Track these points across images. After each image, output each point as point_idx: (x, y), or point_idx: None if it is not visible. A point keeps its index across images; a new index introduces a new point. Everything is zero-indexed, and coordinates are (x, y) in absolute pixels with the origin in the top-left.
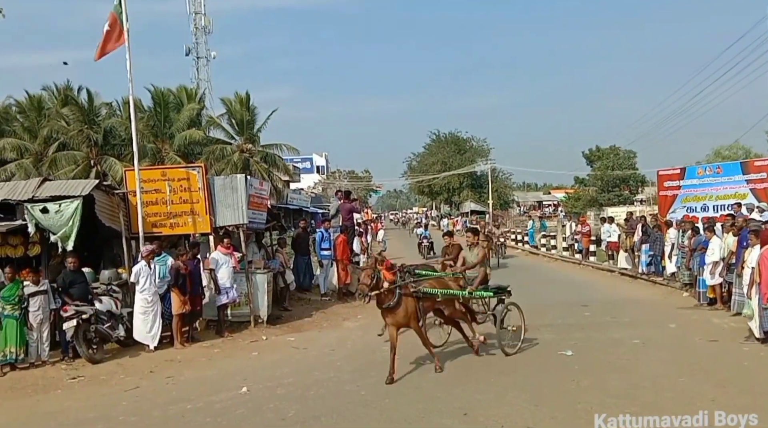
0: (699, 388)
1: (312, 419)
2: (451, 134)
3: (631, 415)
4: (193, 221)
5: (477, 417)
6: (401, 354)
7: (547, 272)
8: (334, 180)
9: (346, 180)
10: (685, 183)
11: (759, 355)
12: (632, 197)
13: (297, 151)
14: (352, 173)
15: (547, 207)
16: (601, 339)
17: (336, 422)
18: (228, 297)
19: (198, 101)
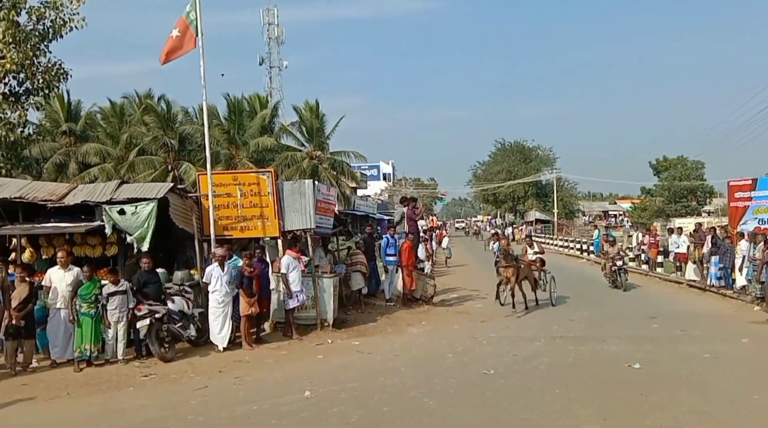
0: None
1: (375, 425)
2: (516, 142)
3: None
4: (263, 224)
5: None
6: (463, 362)
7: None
8: (400, 187)
9: (411, 187)
10: (756, 194)
11: None
12: (700, 207)
13: (364, 158)
14: (418, 180)
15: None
16: (671, 353)
17: None
18: (298, 301)
19: (270, 109)
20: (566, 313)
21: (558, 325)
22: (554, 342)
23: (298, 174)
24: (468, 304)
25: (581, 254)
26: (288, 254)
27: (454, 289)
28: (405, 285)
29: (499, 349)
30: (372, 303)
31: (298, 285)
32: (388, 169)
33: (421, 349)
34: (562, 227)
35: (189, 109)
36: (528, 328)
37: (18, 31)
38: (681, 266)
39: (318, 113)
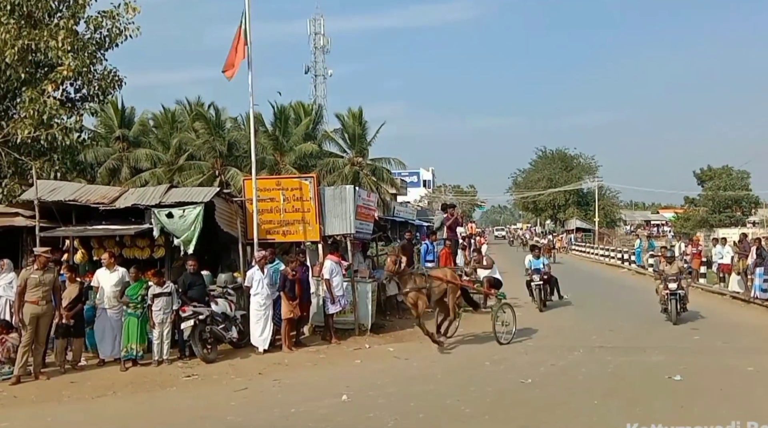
0: None
1: None
2: (558, 150)
3: None
4: (304, 229)
5: None
6: (500, 370)
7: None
8: (439, 194)
9: (451, 195)
10: None
11: None
12: (745, 218)
13: (404, 165)
14: (457, 187)
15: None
16: (713, 365)
17: None
18: (340, 305)
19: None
20: (606, 323)
21: (597, 335)
22: (593, 353)
23: (339, 180)
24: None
25: (622, 263)
26: (330, 258)
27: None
28: None
29: (536, 358)
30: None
31: (340, 290)
32: (428, 176)
33: (459, 356)
34: (603, 236)
35: (237, 116)
36: (567, 338)
37: (76, 39)
38: (724, 277)
39: (361, 119)
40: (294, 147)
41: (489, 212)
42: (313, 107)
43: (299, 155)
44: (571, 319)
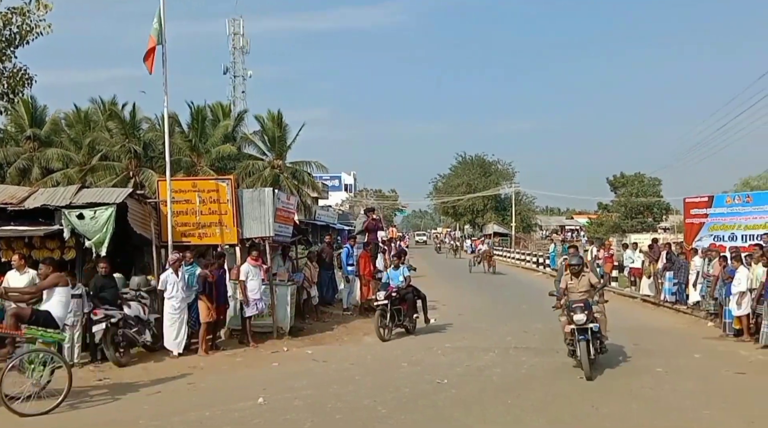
0: (725, 422)
1: None
2: (477, 156)
3: None
4: (221, 231)
5: None
6: (417, 371)
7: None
8: (361, 198)
9: (372, 199)
10: (712, 211)
11: None
12: (656, 224)
13: (326, 169)
14: (379, 192)
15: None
16: (623, 366)
17: None
18: (257, 308)
19: (233, 118)
20: (521, 325)
21: (512, 336)
22: (508, 353)
23: (259, 183)
24: None
25: (537, 267)
26: (248, 261)
27: None
28: (362, 295)
29: (453, 359)
30: (329, 312)
31: (257, 293)
32: (349, 180)
33: (377, 358)
34: (519, 241)
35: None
36: (483, 339)
37: None
38: (636, 281)
39: (280, 122)
40: (212, 149)
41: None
42: (231, 107)
43: (217, 157)
44: (488, 321)
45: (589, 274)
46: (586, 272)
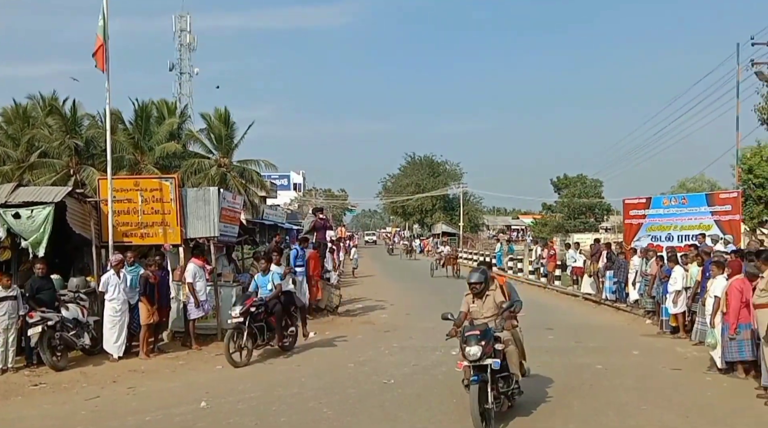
0: (662, 417)
1: None
2: (426, 157)
3: None
4: (164, 231)
5: None
6: (364, 372)
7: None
8: (310, 198)
9: (322, 198)
10: (650, 212)
11: (721, 386)
12: (597, 224)
13: (275, 167)
14: (329, 191)
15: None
16: (565, 363)
17: None
18: (203, 310)
19: (179, 115)
20: None
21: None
22: (454, 352)
23: (205, 181)
24: (373, 314)
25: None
26: (194, 262)
27: (360, 299)
28: (311, 295)
29: (400, 359)
30: None
31: (203, 294)
32: (298, 179)
33: (323, 359)
34: (467, 240)
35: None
36: (431, 338)
37: None
38: (578, 280)
39: (227, 120)
40: (156, 146)
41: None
42: (177, 105)
43: (161, 155)
44: (435, 320)
45: (495, 293)
46: (491, 291)
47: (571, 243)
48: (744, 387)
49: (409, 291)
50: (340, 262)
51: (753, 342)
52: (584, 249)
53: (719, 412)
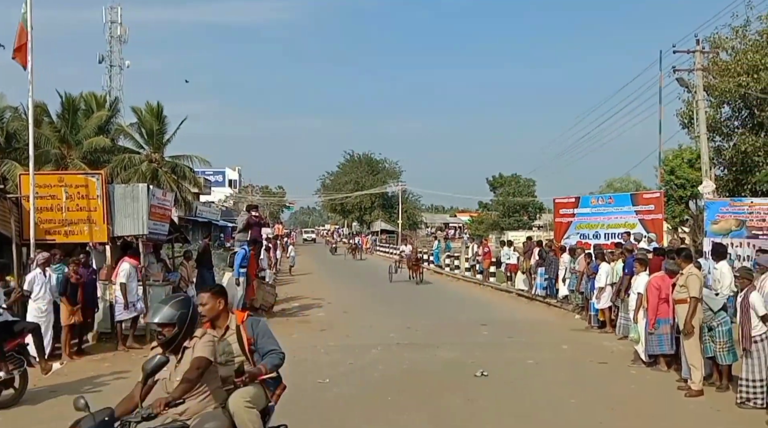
0: (589, 410)
1: None
2: (365, 154)
3: None
4: (90, 229)
5: None
6: (299, 371)
7: (450, 291)
8: (246, 195)
9: (258, 195)
10: (579, 211)
11: (645, 378)
12: (531, 222)
13: (208, 163)
14: (266, 188)
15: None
16: (498, 359)
17: None
18: (136, 310)
19: (108, 109)
20: (405, 321)
21: (396, 333)
22: (391, 350)
23: (136, 177)
24: (309, 312)
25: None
26: (128, 261)
27: (296, 298)
28: (246, 295)
29: (336, 358)
30: None
31: (135, 295)
32: (234, 175)
33: None
34: (405, 238)
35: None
36: (367, 336)
37: None
38: (511, 276)
39: (160, 115)
40: (84, 141)
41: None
42: (106, 98)
43: (90, 150)
44: (373, 318)
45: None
46: (190, 345)
47: (505, 241)
48: (666, 379)
49: (347, 289)
50: (277, 260)
51: (672, 336)
52: (518, 247)
53: (642, 404)
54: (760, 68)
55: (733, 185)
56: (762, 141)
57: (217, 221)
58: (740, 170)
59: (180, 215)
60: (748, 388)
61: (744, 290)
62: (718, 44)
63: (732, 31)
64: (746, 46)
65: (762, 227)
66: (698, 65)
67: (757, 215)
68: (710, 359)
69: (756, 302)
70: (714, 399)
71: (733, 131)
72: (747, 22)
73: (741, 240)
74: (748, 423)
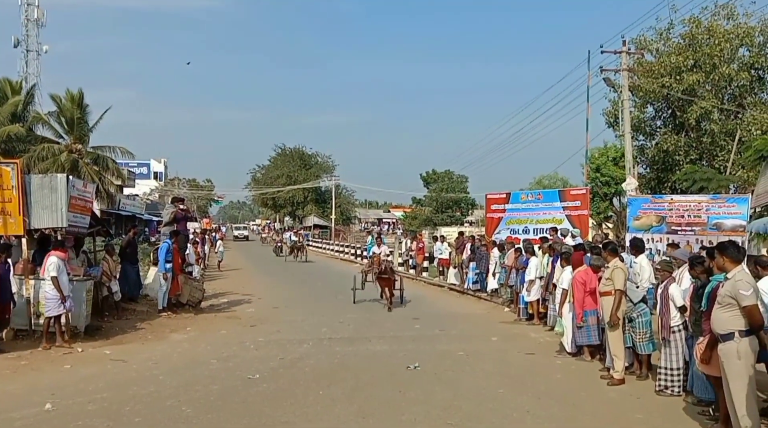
0: (517, 399)
1: None
2: (296, 148)
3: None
4: (4, 221)
5: None
6: (228, 367)
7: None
8: (173, 187)
9: (185, 188)
10: (510, 207)
11: (570, 368)
12: (463, 218)
13: (132, 155)
14: (193, 181)
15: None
16: (429, 351)
17: None
18: (65, 306)
19: (25, 96)
20: (337, 315)
21: (327, 327)
22: (322, 344)
23: (55, 168)
24: (239, 308)
25: (355, 258)
26: (55, 255)
27: (225, 293)
28: (171, 290)
29: (266, 353)
30: (132, 309)
31: (67, 288)
32: (159, 168)
33: (183, 356)
34: (339, 233)
35: None
36: (298, 331)
37: None
38: (444, 271)
39: (81, 102)
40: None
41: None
42: (22, 84)
43: (2, 139)
44: (304, 313)
45: None
46: None
47: (438, 236)
48: (589, 368)
49: (278, 284)
50: (205, 255)
51: (599, 327)
52: (450, 242)
53: (567, 392)
54: (683, 70)
55: (655, 182)
56: (683, 141)
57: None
58: (662, 169)
59: (102, 208)
60: (666, 376)
61: (664, 282)
62: (644, 46)
63: (656, 34)
64: (670, 49)
65: (681, 223)
66: (624, 66)
67: (677, 211)
68: (630, 349)
69: (675, 293)
70: (635, 387)
71: (656, 131)
72: (671, 25)
73: (661, 235)
74: (666, 410)
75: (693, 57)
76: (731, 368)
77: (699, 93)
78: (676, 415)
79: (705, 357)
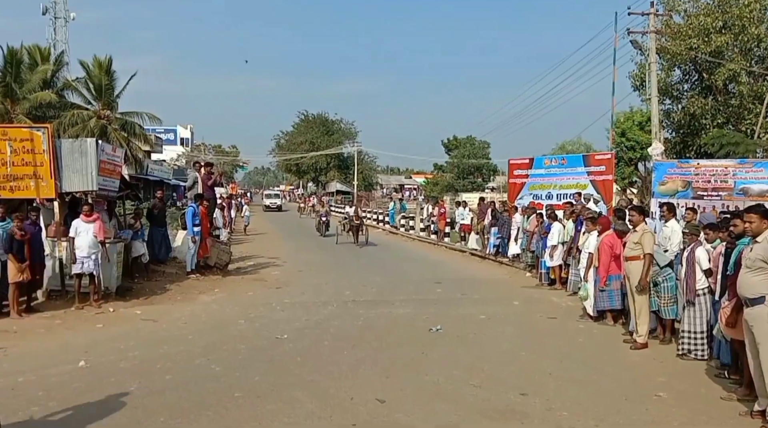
0: (539, 362)
1: (156, 393)
2: (319, 115)
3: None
4: (36, 185)
5: (328, 389)
6: (255, 328)
7: (405, 251)
8: (198, 153)
9: (211, 154)
10: (532, 172)
11: (592, 332)
12: (485, 184)
13: (159, 121)
14: (219, 147)
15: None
16: (452, 314)
17: (181, 396)
18: (82, 267)
19: (54, 63)
20: (360, 279)
21: (351, 290)
22: (346, 307)
23: (84, 134)
24: (265, 271)
25: (377, 224)
26: (82, 217)
27: (251, 257)
28: (199, 253)
29: (292, 314)
30: (162, 271)
31: (85, 251)
32: (186, 134)
33: (212, 316)
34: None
35: None
36: (322, 294)
37: None
38: (465, 236)
39: (109, 69)
40: (29, 95)
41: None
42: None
43: (35, 105)
44: (328, 276)
45: None
46: None
47: (460, 202)
48: (612, 333)
49: (301, 250)
50: (232, 219)
51: (621, 292)
52: (473, 208)
53: (589, 356)
54: (711, 31)
55: (681, 147)
56: (710, 104)
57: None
58: (688, 133)
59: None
60: (689, 340)
61: (690, 246)
62: (672, 7)
63: None
64: (698, 10)
65: (707, 188)
66: (652, 27)
67: (703, 176)
68: (654, 313)
69: (701, 256)
70: (657, 351)
71: (683, 94)
72: None
73: (686, 201)
74: (688, 373)
75: (722, 18)
76: (761, 331)
77: (727, 55)
78: (699, 379)
79: (731, 321)
